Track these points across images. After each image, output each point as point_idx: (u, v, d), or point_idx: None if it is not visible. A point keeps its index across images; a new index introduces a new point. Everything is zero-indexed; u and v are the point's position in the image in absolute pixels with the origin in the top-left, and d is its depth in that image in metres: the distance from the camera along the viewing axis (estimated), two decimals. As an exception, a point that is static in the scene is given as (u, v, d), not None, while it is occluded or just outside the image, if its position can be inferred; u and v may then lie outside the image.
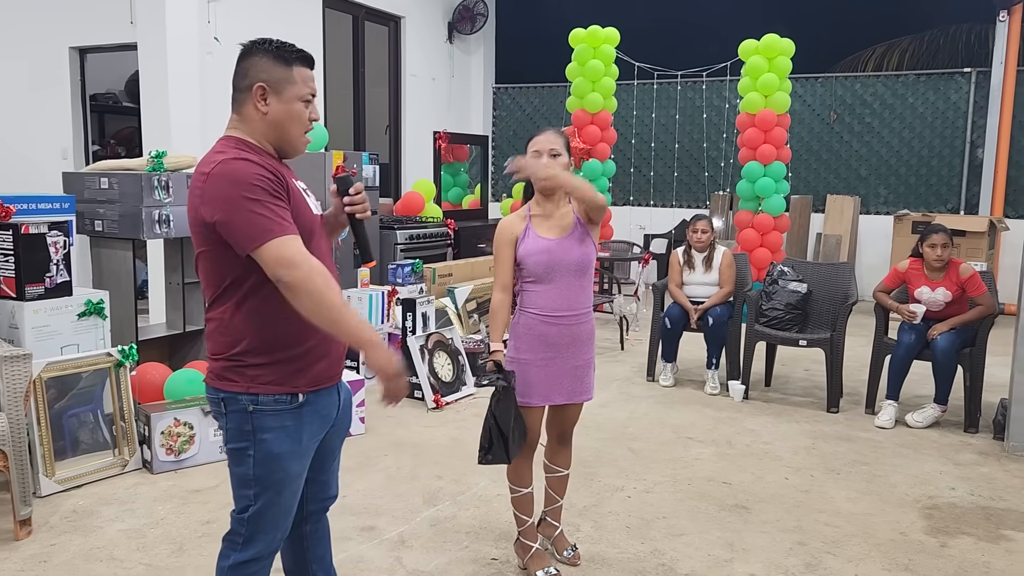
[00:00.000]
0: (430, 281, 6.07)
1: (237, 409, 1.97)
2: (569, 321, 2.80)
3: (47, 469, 3.45)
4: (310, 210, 2.00)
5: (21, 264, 3.55)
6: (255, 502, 2.01)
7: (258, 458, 1.97)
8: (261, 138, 2.01)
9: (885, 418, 4.68)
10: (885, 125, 9.09)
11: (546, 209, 2.81)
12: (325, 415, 2.07)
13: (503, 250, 2.81)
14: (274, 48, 1.99)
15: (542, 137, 2.78)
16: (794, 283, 5.30)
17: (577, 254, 2.77)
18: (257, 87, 1.96)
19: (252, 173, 1.85)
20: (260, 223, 1.82)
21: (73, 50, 7.13)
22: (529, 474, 2.93)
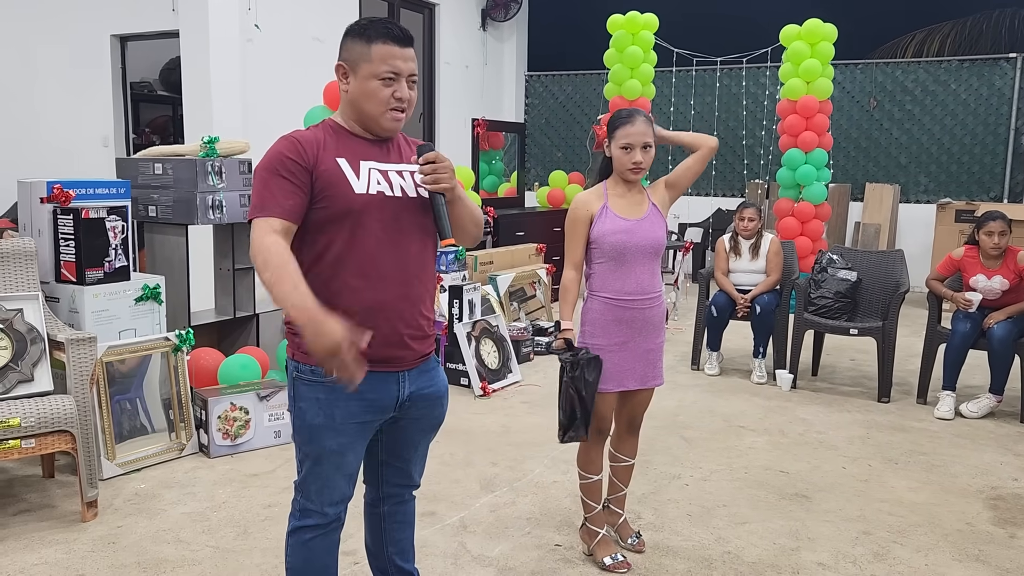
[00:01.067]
0: (472, 268, 6.05)
1: (289, 374, 2.07)
2: (642, 304, 2.78)
3: (108, 452, 3.47)
4: (352, 190, 1.96)
5: (81, 248, 3.57)
6: (301, 468, 2.08)
7: (297, 424, 2.05)
8: (348, 116, 2.05)
9: (945, 409, 4.61)
10: (926, 112, 8.94)
11: (623, 191, 2.81)
12: (371, 399, 2.00)
13: (577, 227, 2.80)
14: (361, 26, 2.00)
15: (635, 128, 2.71)
16: (843, 271, 5.23)
17: (653, 236, 2.77)
18: (337, 66, 2.01)
19: (277, 151, 1.97)
20: (255, 200, 1.96)
21: (114, 38, 7.16)
22: (600, 461, 2.93)
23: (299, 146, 1.94)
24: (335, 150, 1.98)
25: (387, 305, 2.01)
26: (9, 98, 7.65)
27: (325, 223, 1.95)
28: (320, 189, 1.94)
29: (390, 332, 2.01)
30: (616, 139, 2.75)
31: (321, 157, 1.95)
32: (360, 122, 2.04)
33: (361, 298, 1.97)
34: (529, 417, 4.51)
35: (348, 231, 1.96)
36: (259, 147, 2.46)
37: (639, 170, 2.74)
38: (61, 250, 3.62)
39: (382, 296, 2.00)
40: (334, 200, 1.94)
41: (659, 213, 2.82)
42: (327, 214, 1.95)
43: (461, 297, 5.12)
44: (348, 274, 1.97)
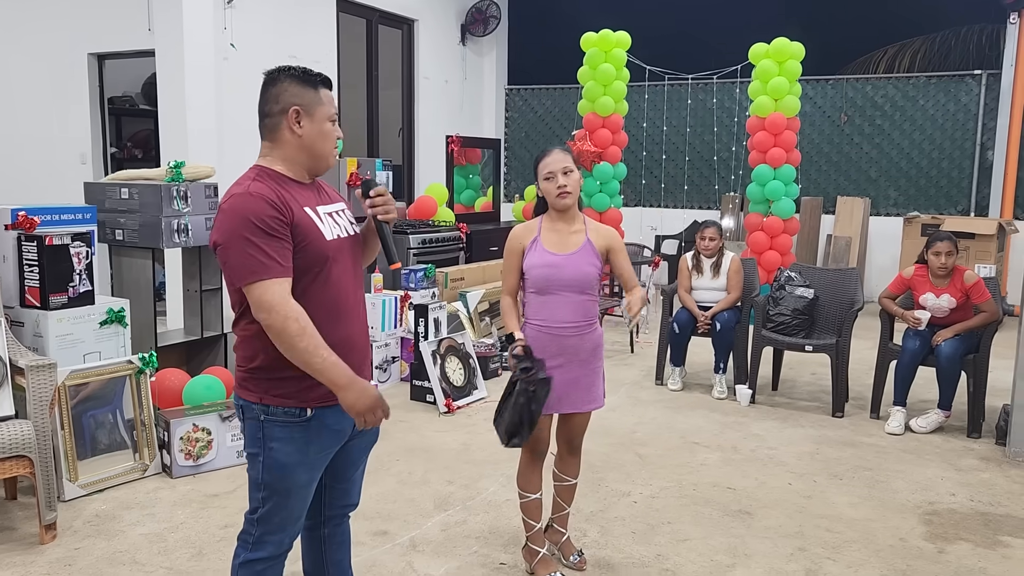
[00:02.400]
0: (442, 285, 6.16)
1: (252, 417, 2.12)
2: (570, 332, 2.89)
3: (70, 474, 3.57)
4: (323, 237, 2.09)
5: (45, 274, 3.67)
6: (263, 505, 2.15)
7: (267, 464, 2.11)
8: (292, 161, 2.13)
9: (895, 424, 4.74)
10: (895, 127, 9.10)
11: (558, 225, 2.92)
12: (337, 430, 2.16)
13: (511, 259, 2.95)
14: (300, 72, 2.13)
15: (552, 158, 2.86)
16: (801, 289, 5.36)
17: (579, 273, 2.87)
18: (292, 110, 2.09)
19: (255, 211, 1.97)
20: (250, 263, 1.96)
21: (92, 56, 7.25)
22: (538, 480, 3.04)
23: (272, 203, 1.99)
24: (295, 200, 2.07)
25: (352, 339, 2.18)
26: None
27: (301, 271, 2.05)
28: (298, 241, 2.04)
29: (354, 364, 2.15)
30: (539, 174, 2.89)
31: (292, 210, 2.04)
32: (308, 164, 2.15)
33: (332, 336, 2.09)
34: (490, 434, 4.54)
35: (321, 276, 2.09)
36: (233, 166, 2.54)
37: (566, 193, 2.85)
38: (26, 276, 3.71)
39: (348, 331, 2.16)
40: (311, 250, 2.06)
41: (592, 250, 2.89)
42: (304, 264, 2.06)
43: (427, 315, 5.23)
44: (319, 315, 2.08)
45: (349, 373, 2.01)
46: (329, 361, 1.98)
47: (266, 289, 1.95)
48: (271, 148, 2.14)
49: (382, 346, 5.41)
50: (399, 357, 5.57)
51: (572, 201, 2.88)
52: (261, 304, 1.96)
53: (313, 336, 1.97)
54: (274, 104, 2.11)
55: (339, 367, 2.00)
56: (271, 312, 1.95)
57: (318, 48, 7.79)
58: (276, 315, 1.95)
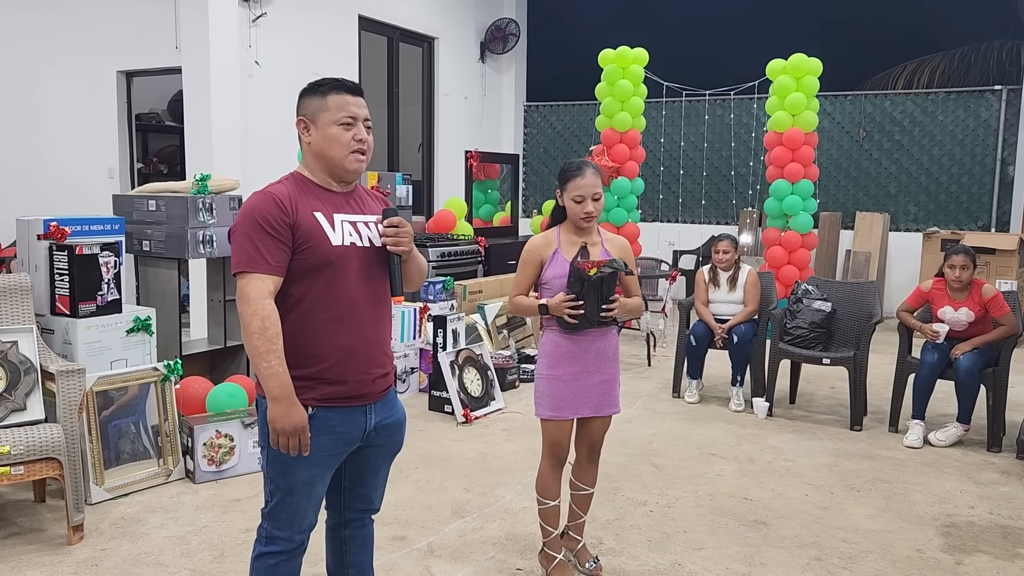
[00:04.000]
0: (460, 298, 6.23)
1: (261, 411, 2.20)
2: (593, 336, 2.95)
3: (97, 478, 3.65)
4: (328, 241, 2.14)
5: (75, 283, 3.77)
6: (271, 499, 2.22)
7: (270, 458, 2.18)
8: (313, 169, 2.24)
9: (913, 438, 4.72)
10: (915, 143, 9.10)
11: (576, 238, 2.98)
12: (342, 433, 2.19)
13: (527, 268, 2.99)
14: (313, 85, 2.23)
15: (586, 181, 2.87)
16: (818, 302, 5.36)
17: None
18: (298, 122, 2.22)
19: (261, 208, 2.10)
20: (242, 255, 2.08)
21: (120, 74, 7.43)
22: (557, 487, 3.08)
23: (280, 202, 2.09)
24: (309, 204, 2.15)
25: (358, 347, 2.21)
26: (19, 130, 7.94)
27: (303, 273, 2.13)
28: (300, 242, 2.11)
29: (361, 372, 2.22)
30: (568, 191, 2.92)
31: (299, 212, 2.12)
32: (326, 171, 2.22)
33: (336, 342, 2.16)
34: (507, 444, 4.65)
35: (324, 280, 2.15)
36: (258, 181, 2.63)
37: (590, 219, 2.92)
38: (56, 284, 3.82)
39: (354, 339, 2.20)
40: (313, 252, 2.12)
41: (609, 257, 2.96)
42: (306, 265, 2.13)
43: (445, 327, 5.29)
44: (323, 320, 2.15)
45: (287, 390, 2.06)
46: (273, 370, 2.04)
47: (248, 281, 2.06)
48: (303, 158, 2.27)
49: (400, 357, 5.48)
50: (417, 368, 5.63)
51: (594, 224, 2.97)
52: (241, 294, 2.07)
53: (270, 341, 2.04)
54: (296, 118, 2.24)
55: (279, 379, 2.05)
56: (245, 304, 2.05)
57: (340, 65, 7.92)
58: (247, 308, 2.05)
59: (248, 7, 7.02)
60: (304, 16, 7.54)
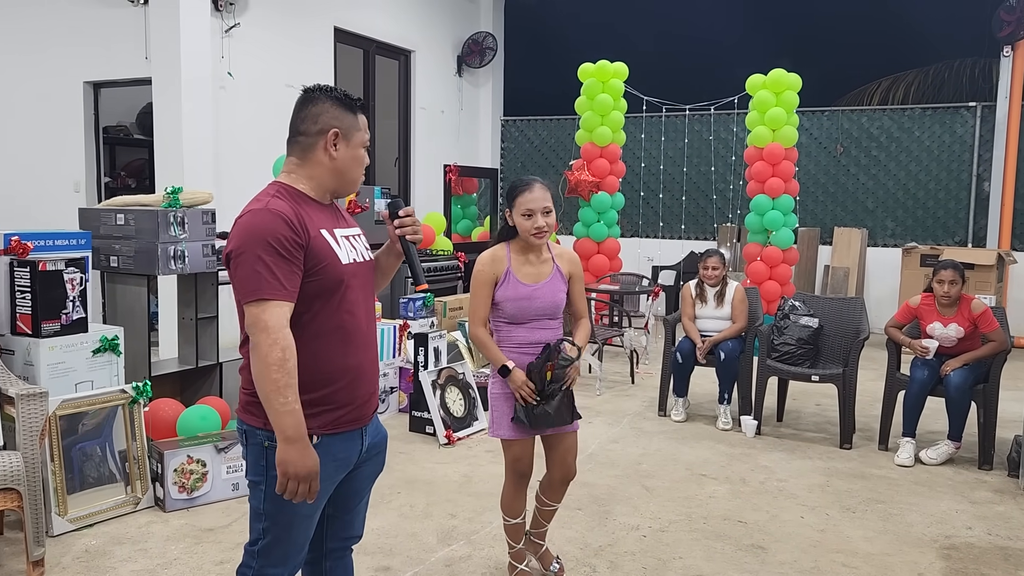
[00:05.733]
0: (441, 315, 6.07)
1: (255, 443, 2.03)
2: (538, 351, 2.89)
3: (60, 508, 3.43)
4: (339, 261, 2.03)
5: (38, 301, 3.56)
6: (264, 536, 2.05)
7: (268, 494, 2.01)
8: (319, 182, 2.08)
9: (904, 456, 4.64)
10: (891, 158, 9.13)
11: (527, 256, 2.91)
12: (342, 458, 2.08)
13: (482, 290, 2.90)
14: (342, 95, 2.08)
15: (534, 195, 2.82)
16: (805, 318, 5.29)
17: (551, 302, 2.90)
18: (332, 132, 2.04)
19: (271, 229, 1.91)
20: (255, 281, 1.89)
21: (87, 84, 7.21)
22: (520, 504, 3.07)
23: (291, 222, 1.93)
24: (313, 221, 2.01)
25: (363, 367, 2.11)
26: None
27: (315, 295, 1.99)
28: (312, 264, 1.97)
29: (364, 392, 2.11)
30: (517, 207, 2.84)
31: (309, 231, 1.97)
32: (331, 187, 2.10)
33: (346, 363, 2.04)
34: (492, 466, 4.49)
35: (335, 301, 2.02)
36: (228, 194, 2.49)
37: (542, 234, 2.84)
38: (17, 303, 3.61)
39: (360, 360, 2.09)
40: (326, 273, 1.99)
41: (561, 276, 2.93)
42: (318, 287, 1.99)
43: (426, 344, 5.13)
44: (332, 342, 2.02)
45: (303, 431, 1.91)
46: (291, 407, 1.89)
47: (265, 309, 1.89)
48: (298, 166, 2.08)
49: (380, 376, 5.30)
50: (397, 387, 5.46)
51: (546, 240, 2.89)
52: (257, 323, 1.88)
53: (289, 374, 1.89)
54: (312, 123, 2.05)
55: (296, 417, 1.89)
56: (263, 332, 1.88)
57: (315, 77, 7.74)
58: (267, 337, 1.87)
59: (221, 17, 6.85)
60: (279, 27, 7.38)
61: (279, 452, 1.91)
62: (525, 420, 2.85)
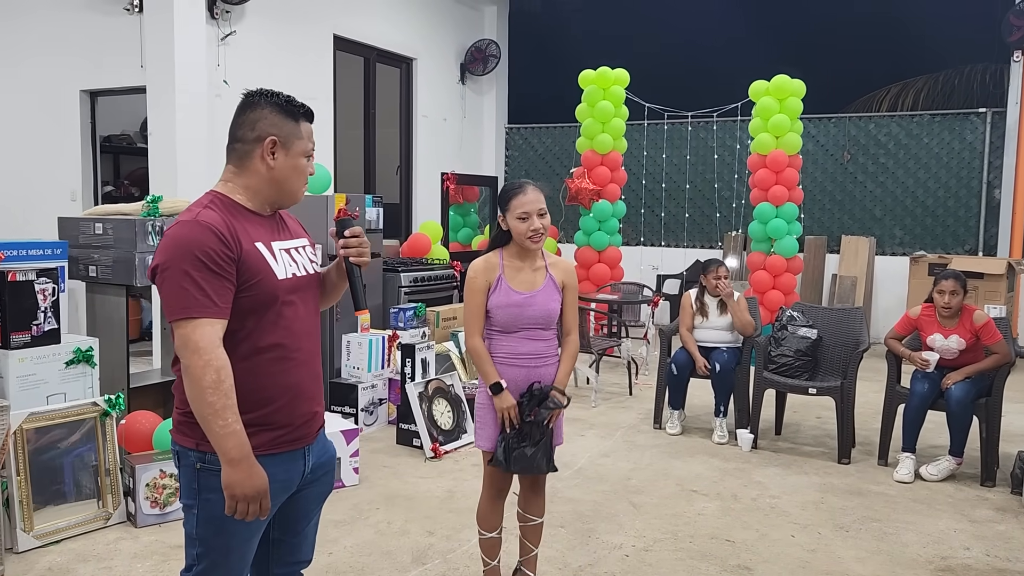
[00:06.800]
0: (434, 325, 5.98)
1: (187, 464, 1.95)
2: (533, 363, 2.83)
3: (25, 523, 3.36)
4: (274, 276, 1.94)
5: (6, 312, 3.51)
6: (199, 562, 1.96)
7: (202, 517, 1.92)
8: (255, 192, 1.99)
9: (904, 472, 4.49)
10: (900, 165, 8.96)
11: (520, 263, 2.83)
12: (283, 480, 1.98)
13: (476, 298, 2.82)
14: (283, 101, 1.98)
15: (528, 198, 2.75)
16: (804, 329, 5.15)
17: (544, 311, 2.81)
18: (268, 140, 1.95)
19: (199, 242, 1.82)
20: (184, 299, 1.80)
21: (84, 93, 7.20)
22: (496, 519, 2.97)
23: (220, 235, 1.84)
24: (248, 233, 1.92)
25: (303, 386, 2.02)
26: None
27: (248, 311, 1.90)
28: (245, 278, 1.88)
29: (305, 412, 2.03)
30: (511, 210, 2.76)
31: (242, 244, 1.89)
32: (270, 198, 2.01)
33: (283, 382, 1.96)
34: (477, 481, 4.34)
35: (271, 317, 1.93)
36: None
37: (539, 236, 2.76)
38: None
39: (299, 377, 2.01)
40: (260, 288, 1.90)
41: (555, 285, 2.85)
42: (251, 303, 1.90)
43: (414, 356, 5.04)
44: (269, 359, 1.94)
45: (247, 450, 1.83)
46: (231, 428, 1.80)
47: (195, 328, 1.79)
48: (235, 175, 1.99)
49: (368, 387, 5.22)
50: (386, 399, 5.37)
51: (542, 244, 2.80)
52: (187, 343, 1.79)
53: (226, 395, 1.80)
54: (249, 130, 1.96)
55: (238, 438, 1.81)
56: (194, 354, 1.78)
57: (315, 85, 7.73)
58: (198, 359, 1.78)
59: (217, 25, 6.82)
60: (276, 35, 7.35)
61: (224, 475, 1.83)
62: (503, 460, 2.79)
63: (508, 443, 2.77)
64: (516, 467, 2.79)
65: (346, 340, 5.30)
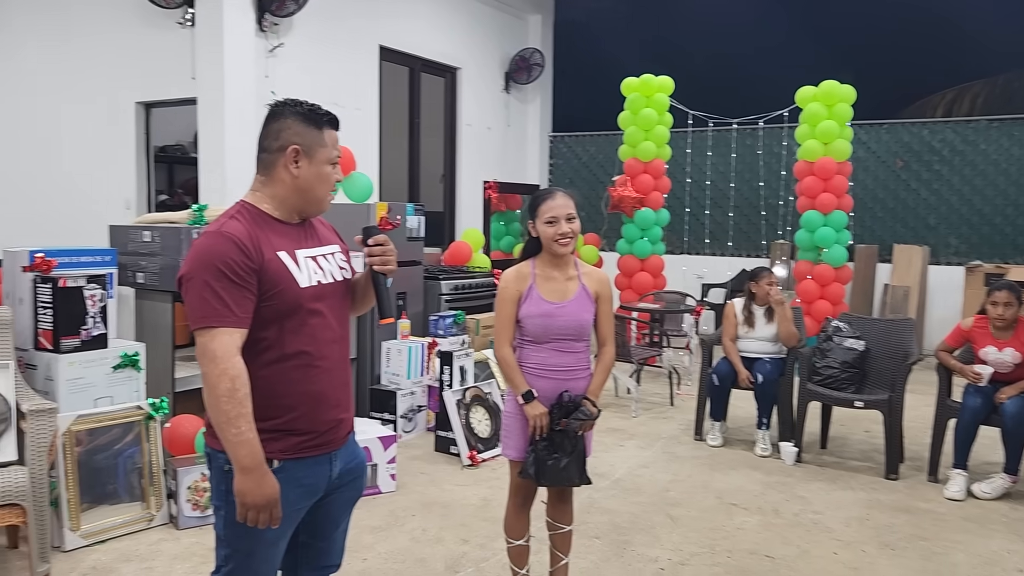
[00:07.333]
0: (473, 332, 6.00)
1: (217, 467, 1.98)
2: (563, 375, 2.80)
3: (72, 522, 3.45)
4: (296, 284, 1.96)
5: (58, 317, 3.61)
6: (227, 563, 1.99)
7: (229, 519, 1.95)
8: (282, 201, 2.02)
9: (955, 489, 4.35)
10: (955, 172, 8.70)
11: (552, 272, 2.81)
12: (308, 484, 2.01)
13: (506, 307, 2.81)
14: (306, 110, 2.02)
15: (556, 202, 2.75)
16: (850, 340, 5.03)
17: (576, 321, 2.78)
18: (291, 149, 1.98)
19: (221, 253, 1.85)
20: (205, 308, 1.84)
21: (139, 104, 7.40)
22: (522, 527, 2.95)
23: (242, 245, 1.88)
24: (271, 243, 1.95)
25: (327, 393, 2.04)
26: (39, 160, 7.94)
27: (270, 319, 1.93)
28: (267, 288, 1.91)
29: (329, 419, 2.04)
30: (540, 215, 2.76)
31: (264, 254, 1.92)
32: (297, 206, 2.04)
33: (306, 389, 1.98)
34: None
35: (293, 325, 1.96)
36: None
37: (567, 240, 2.74)
38: (39, 318, 3.67)
39: (323, 385, 2.02)
40: (282, 297, 1.93)
41: (588, 296, 2.82)
42: (273, 311, 1.93)
43: (452, 363, 5.05)
44: (292, 367, 1.96)
45: (259, 459, 1.85)
46: (244, 437, 1.83)
47: (213, 337, 1.83)
48: (263, 184, 2.03)
49: (407, 394, 5.25)
50: (425, 406, 5.39)
51: (571, 248, 2.79)
52: (205, 352, 1.83)
53: (240, 403, 1.82)
54: (273, 140, 2.00)
55: (250, 446, 1.83)
56: (211, 362, 1.82)
57: (360, 95, 7.83)
58: (214, 367, 1.81)
59: (266, 37, 6.96)
60: (323, 47, 7.46)
61: (236, 482, 1.86)
62: (533, 474, 2.77)
63: (538, 455, 2.75)
64: (546, 480, 2.77)
65: (386, 347, 5.34)
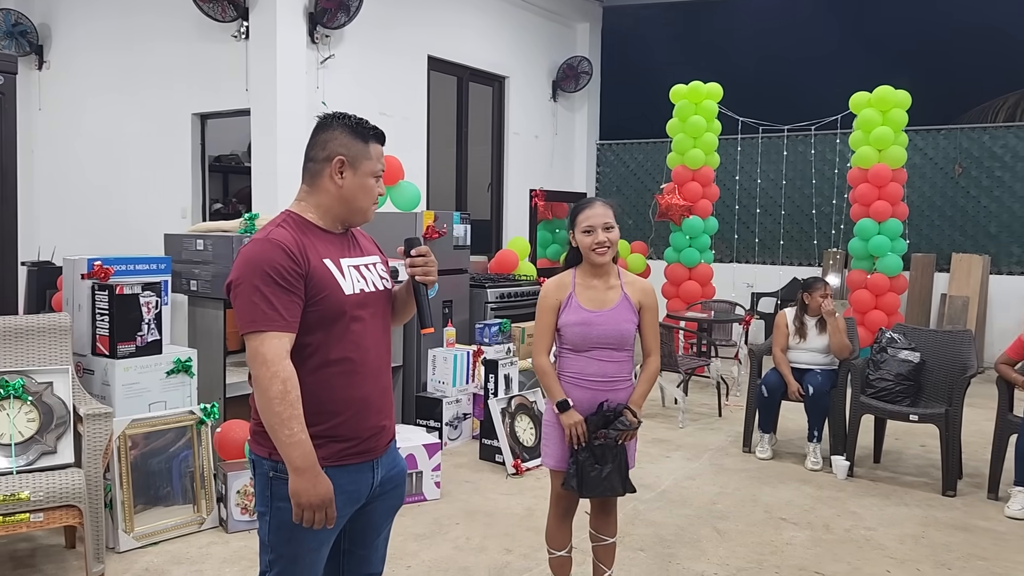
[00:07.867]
0: (519, 341, 6.00)
1: (261, 473, 2.02)
2: (603, 387, 2.79)
3: (127, 524, 3.55)
4: (341, 291, 2.00)
5: (114, 323, 3.72)
6: (271, 568, 2.03)
7: (273, 525, 1.99)
8: (326, 210, 2.06)
9: (1016, 507, 4.20)
10: (1018, 179, 8.43)
11: (592, 281, 2.81)
12: (351, 491, 2.03)
13: (546, 316, 2.82)
14: (353, 123, 2.06)
15: (594, 211, 2.76)
16: (905, 351, 4.90)
17: (617, 330, 2.77)
18: (337, 160, 2.03)
19: (269, 259, 1.90)
20: (254, 312, 1.87)
21: (195, 115, 7.60)
22: (564, 537, 2.95)
23: (290, 251, 1.92)
24: (316, 250, 2.00)
25: (370, 399, 2.07)
26: (100, 170, 8.20)
27: (315, 325, 1.97)
28: (313, 293, 1.96)
29: (372, 425, 2.07)
30: (578, 224, 2.78)
31: (310, 260, 1.96)
32: (341, 216, 2.08)
33: (349, 395, 2.02)
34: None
35: (338, 331, 1.99)
36: None
37: (604, 248, 2.75)
38: (97, 324, 3.79)
39: (365, 391, 2.05)
40: (327, 303, 1.97)
41: (629, 305, 2.80)
42: (318, 317, 1.97)
43: (496, 371, 5.06)
44: (336, 373, 2.00)
45: (312, 460, 1.88)
46: (297, 438, 1.86)
47: (263, 341, 1.87)
48: (308, 194, 2.08)
49: (452, 402, 5.27)
50: (471, 414, 5.41)
51: (609, 257, 2.79)
52: (255, 356, 1.87)
53: (292, 405, 1.86)
54: (320, 150, 2.05)
55: (303, 447, 1.86)
56: (262, 366, 1.86)
57: (409, 105, 7.92)
58: (265, 370, 1.85)
59: (317, 49, 7.09)
60: (373, 57, 7.57)
61: (291, 483, 1.89)
62: (575, 487, 2.76)
63: (580, 466, 2.73)
64: (589, 491, 2.76)
65: (432, 354, 5.38)
